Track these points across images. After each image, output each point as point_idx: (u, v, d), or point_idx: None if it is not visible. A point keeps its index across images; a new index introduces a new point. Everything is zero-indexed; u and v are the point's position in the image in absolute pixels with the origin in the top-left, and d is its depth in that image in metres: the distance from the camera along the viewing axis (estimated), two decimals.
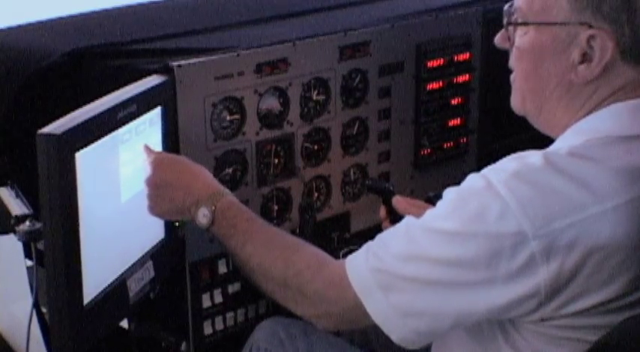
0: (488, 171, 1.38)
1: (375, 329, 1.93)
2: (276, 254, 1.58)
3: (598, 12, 1.37)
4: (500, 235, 1.32)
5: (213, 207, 1.63)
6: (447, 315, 1.39)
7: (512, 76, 1.52)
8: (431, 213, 1.43)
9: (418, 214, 1.90)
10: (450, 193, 1.41)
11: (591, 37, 1.38)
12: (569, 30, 1.40)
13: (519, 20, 1.46)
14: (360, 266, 1.45)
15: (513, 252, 1.32)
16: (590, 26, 1.38)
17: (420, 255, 1.39)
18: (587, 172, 1.34)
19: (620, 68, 1.40)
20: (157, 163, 1.67)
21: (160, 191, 1.67)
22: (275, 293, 1.59)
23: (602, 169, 1.35)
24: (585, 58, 1.40)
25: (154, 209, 1.69)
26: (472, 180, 1.39)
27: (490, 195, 1.34)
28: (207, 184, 1.67)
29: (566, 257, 1.31)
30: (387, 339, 1.93)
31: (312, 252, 1.58)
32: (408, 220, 1.46)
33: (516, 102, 1.52)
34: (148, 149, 1.68)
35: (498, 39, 1.52)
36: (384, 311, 1.42)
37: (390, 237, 1.46)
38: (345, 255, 1.57)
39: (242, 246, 1.61)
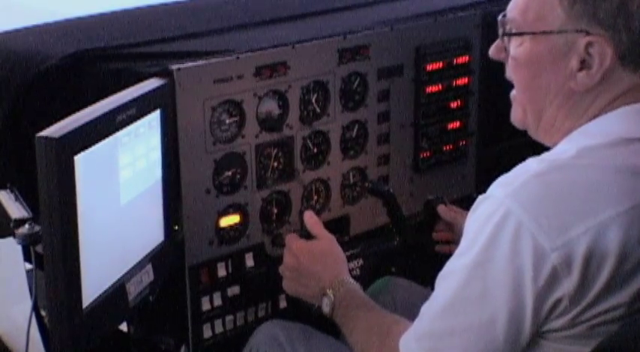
0: (495, 187, 1.36)
1: None
2: (374, 341, 1.58)
3: (594, 18, 1.35)
4: (519, 253, 1.30)
5: (333, 298, 1.73)
6: None
7: (512, 92, 1.49)
8: (455, 253, 1.41)
9: (463, 221, 1.90)
10: (467, 226, 1.39)
11: (589, 44, 1.36)
12: (566, 38, 1.38)
13: (514, 31, 1.44)
14: (408, 339, 1.45)
15: (536, 270, 1.29)
16: (588, 33, 1.36)
17: (449, 303, 1.38)
18: (596, 176, 1.33)
19: (620, 74, 1.38)
20: (298, 251, 1.84)
21: (296, 274, 1.84)
22: None
23: (612, 172, 1.33)
24: (584, 65, 1.38)
25: (288, 288, 1.87)
26: (482, 204, 1.37)
27: (501, 214, 1.31)
28: (334, 275, 1.78)
29: (586, 264, 1.29)
30: None
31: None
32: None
33: (517, 116, 1.50)
34: (292, 238, 1.87)
35: (493, 51, 1.50)
36: None
37: (426, 305, 1.44)
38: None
39: (349, 334, 1.66)
